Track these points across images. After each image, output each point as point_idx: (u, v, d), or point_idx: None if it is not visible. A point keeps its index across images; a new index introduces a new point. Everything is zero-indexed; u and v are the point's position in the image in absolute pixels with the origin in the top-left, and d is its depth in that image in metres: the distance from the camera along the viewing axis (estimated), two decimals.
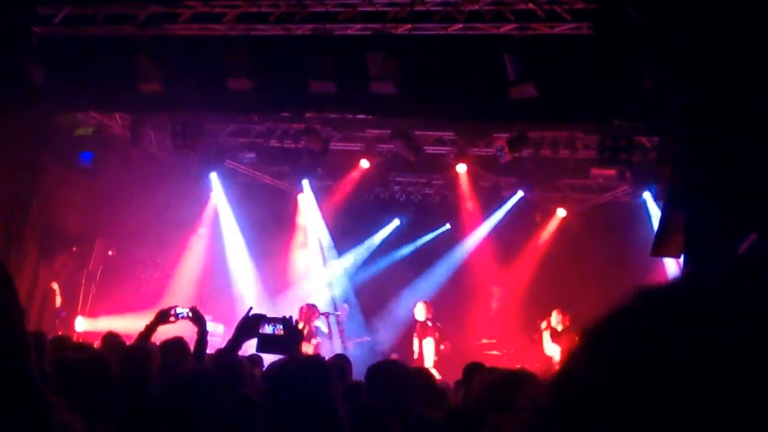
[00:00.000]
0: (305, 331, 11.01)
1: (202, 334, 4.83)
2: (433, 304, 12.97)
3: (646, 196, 12.75)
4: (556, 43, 9.51)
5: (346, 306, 14.62)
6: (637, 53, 8.46)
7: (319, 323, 12.35)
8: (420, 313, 12.69)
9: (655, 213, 12.35)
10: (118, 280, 13.23)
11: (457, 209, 15.05)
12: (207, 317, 5.54)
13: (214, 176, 14.80)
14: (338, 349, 12.20)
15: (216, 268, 15.26)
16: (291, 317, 4.14)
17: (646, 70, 8.26)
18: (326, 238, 16.04)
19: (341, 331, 13.54)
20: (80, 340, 9.87)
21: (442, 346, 12.47)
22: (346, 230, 15.89)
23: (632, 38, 8.28)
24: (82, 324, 12.46)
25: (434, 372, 8.80)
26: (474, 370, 5.66)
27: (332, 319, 12.88)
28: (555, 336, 12.06)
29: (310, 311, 12.02)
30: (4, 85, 10.28)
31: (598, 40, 8.92)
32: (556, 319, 12.15)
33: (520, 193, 14.43)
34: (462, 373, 5.98)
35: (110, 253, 13.36)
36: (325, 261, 16.13)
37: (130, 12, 10.45)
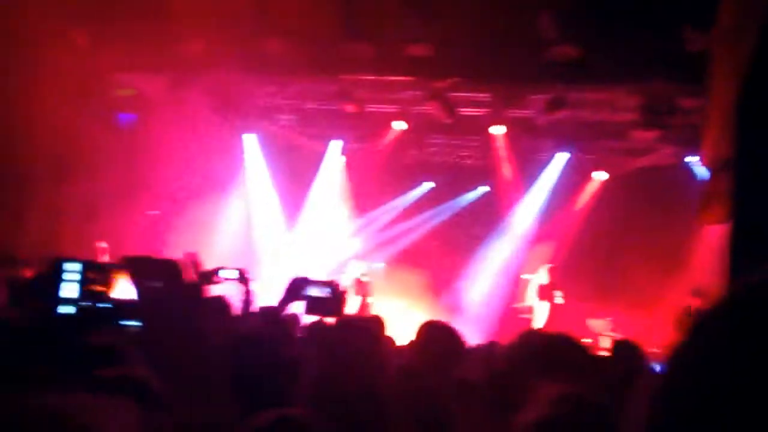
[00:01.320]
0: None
1: (248, 293, 4.93)
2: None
3: (692, 159, 12.48)
4: (596, 3, 9.37)
5: (378, 266, 14.70)
6: (680, 13, 8.33)
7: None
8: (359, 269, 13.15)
9: (700, 177, 12.09)
10: (159, 240, 13.44)
11: (493, 172, 14.98)
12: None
13: (249, 137, 14.90)
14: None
15: (252, 227, 15.45)
16: (336, 281, 4.22)
17: (689, 30, 8.13)
18: (348, 200, 16.14)
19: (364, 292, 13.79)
20: None
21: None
22: (380, 191, 15.92)
23: None
24: None
25: None
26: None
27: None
28: (539, 289, 12.73)
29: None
30: (50, 47, 10.42)
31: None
32: (543, 273, 12.78)
33: (565, 155, 14.19)
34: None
35: (154, 212, 13.58)
36: (351, 221, 16.21)
37: None
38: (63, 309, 1.33)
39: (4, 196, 10.61)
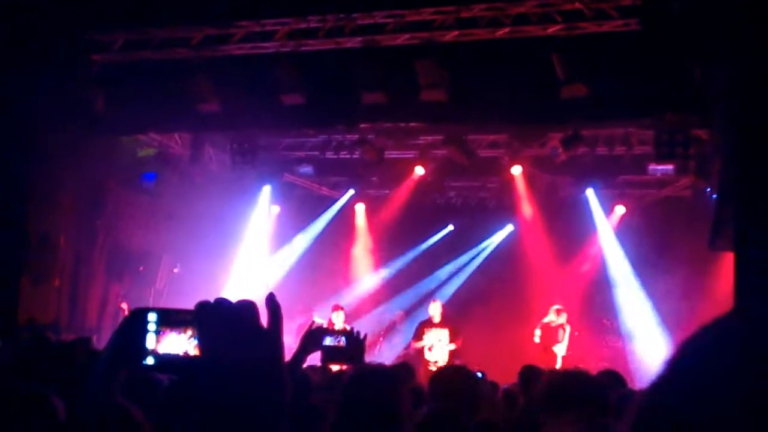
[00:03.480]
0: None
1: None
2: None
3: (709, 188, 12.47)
4: (605, 41, 9.47)
5: (401, 312, 14.65)
6: (686, 45, 8.38)
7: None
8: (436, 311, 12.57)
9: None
10: (184, 296, 13.54)
11: (514, 211, 14.98)
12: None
13: (266, 189, 15.06)
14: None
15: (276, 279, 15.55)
16: (353, 329, 4.27)
17: (695, 61, 8.18)
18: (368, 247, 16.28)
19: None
20: None
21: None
22: (402, 237, 15.99)
23: (680, 31, 8.21)
24: None
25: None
26: (532, 373, 5.69)
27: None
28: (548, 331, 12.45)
29: None
30: (69, 114, 10.68)
31: (647, 36, 8.86)
32: (554, 315, 12.46)
33: (590, 191, 14.17)
34: (518, 376, 6.02)
35: (175, 270, 13.70)
36: (375, 267, 16.29)
37: (185, 35, 10.78)
38: (148, 360, 1.36)
39: (30, 260, 10.82)
